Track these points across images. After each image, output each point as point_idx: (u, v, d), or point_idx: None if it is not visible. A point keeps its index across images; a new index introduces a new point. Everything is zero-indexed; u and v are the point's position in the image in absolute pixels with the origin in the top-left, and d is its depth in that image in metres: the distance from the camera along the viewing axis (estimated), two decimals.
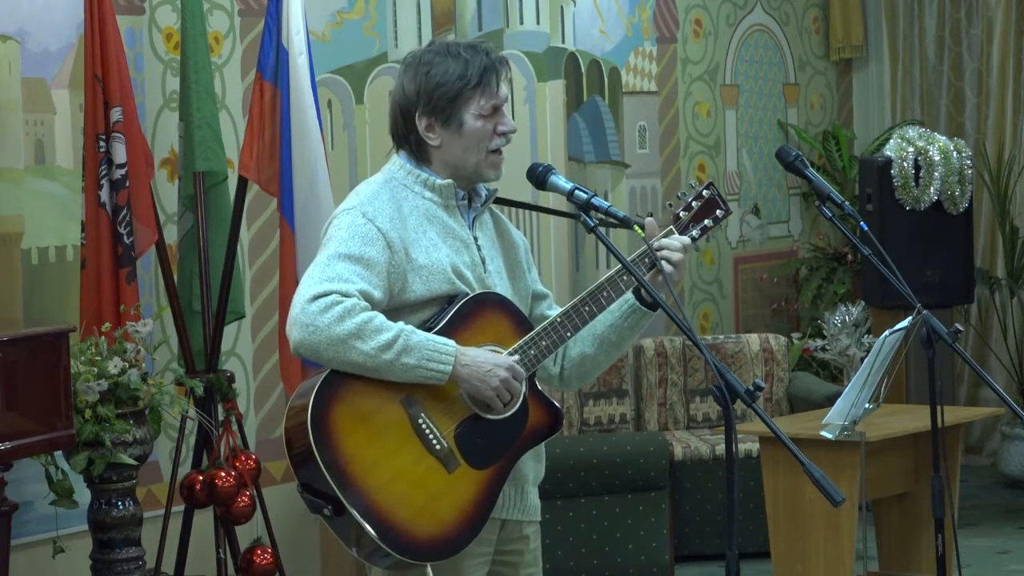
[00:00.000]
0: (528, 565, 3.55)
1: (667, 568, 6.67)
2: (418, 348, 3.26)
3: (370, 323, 3.24)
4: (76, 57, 5.59)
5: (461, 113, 3.43)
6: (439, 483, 3.29)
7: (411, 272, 3.36)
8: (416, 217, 3.41)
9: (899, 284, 3.87)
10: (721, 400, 3.09)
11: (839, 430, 5.33)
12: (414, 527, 3.25)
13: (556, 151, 7.60)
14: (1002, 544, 7.22)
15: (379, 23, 6.85)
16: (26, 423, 4.74)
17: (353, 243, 3.32)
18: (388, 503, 3.23)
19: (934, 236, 7.82)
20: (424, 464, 3.28)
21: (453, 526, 3.30)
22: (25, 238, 5.52)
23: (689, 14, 8.40)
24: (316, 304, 3.23)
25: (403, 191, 3.44)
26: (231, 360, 6.16)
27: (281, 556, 5.73)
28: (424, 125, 3.43)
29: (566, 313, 3.45)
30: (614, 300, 3.48)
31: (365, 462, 3.23)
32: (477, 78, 3.43)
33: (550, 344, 3.43)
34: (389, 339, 3.24)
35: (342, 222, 3.37)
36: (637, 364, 7.55)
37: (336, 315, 3.22)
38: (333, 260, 3.30)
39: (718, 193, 3.63)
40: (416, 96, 3.43)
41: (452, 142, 3.44)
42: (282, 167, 5.62)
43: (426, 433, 3.30)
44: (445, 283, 3.39)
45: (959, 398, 8.81)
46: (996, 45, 8.88)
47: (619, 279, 3.47)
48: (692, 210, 3.60)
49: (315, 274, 3.29)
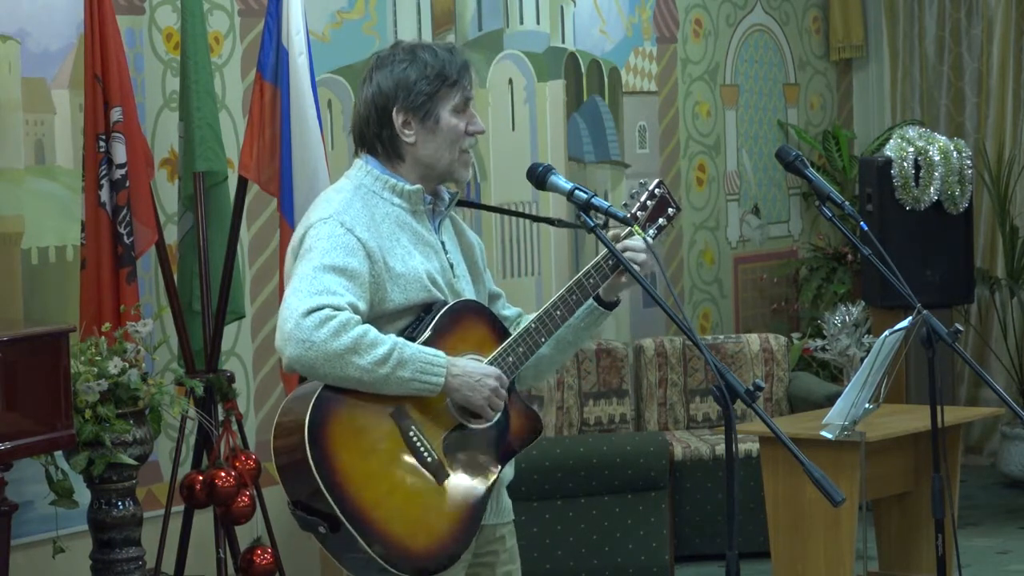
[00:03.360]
0: (504, 564, 3.54)
1: (667, 568, 6.67)
2: (411, 361, 3.25)
3: (364, 337, 3.21)
4: (76, 57, 5.59)
5: (438, 109, 3.41)
6: (431, 496, 3.28)
7: (389, 281, 3.33)
8: (388, 224, 3.39)
9: (899, 284, 3.87)
10: (721, 400, 3.09)
11: (839, 430, 5.33)
12: (411, 542, 3.24)
13: (556, 151, 7.60)
14: (1002, 544, 7.22)
15: (379, 23, 6.85)
16: (26, 423, 4.74)
17: (336, 254, 3.27)
18: (384, 519, 3.21)
19: (934, 236, 7.82)
20: (416, 477, 3.27)
21: (448, 538, 3.29)
22: (25, 238, 5.52)
23: (689, 14, 8.40)
24: (310, 319, 3.19)
25: (373, 198, 3.41)
26: (231, 360, 6.17)
27: (281, 556, 5.73)
28: (401, 121, 3.41)
29: (539, 319, 3.44)
30: (583, 303, 3.50)
31: (361, 478, 3.21)
32: (455, 76, 3.42)
33: (526, 350, 3.43)
34: (384, 353, 3.22)
35: (320, 232, 3.32)
36: (637, 364, 7.55)
37: (331, 330, 3.19)
38: (319, 272, 3.25)
39: (668, 191, 3.66)
40: (394, 92, 3.40)
41: (427, 139, 3.42)
42: (282, 167, 5.62)
43: (417, 446, 3.28)
44: (422, 291, 3.37)
45: (959, 398, 8.81)
46: (996, 45, 8.88)
47: (586, 282, 3.49)
48: (647, 209, 3.62)
49: (303, 287, 3.24)
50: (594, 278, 3.49)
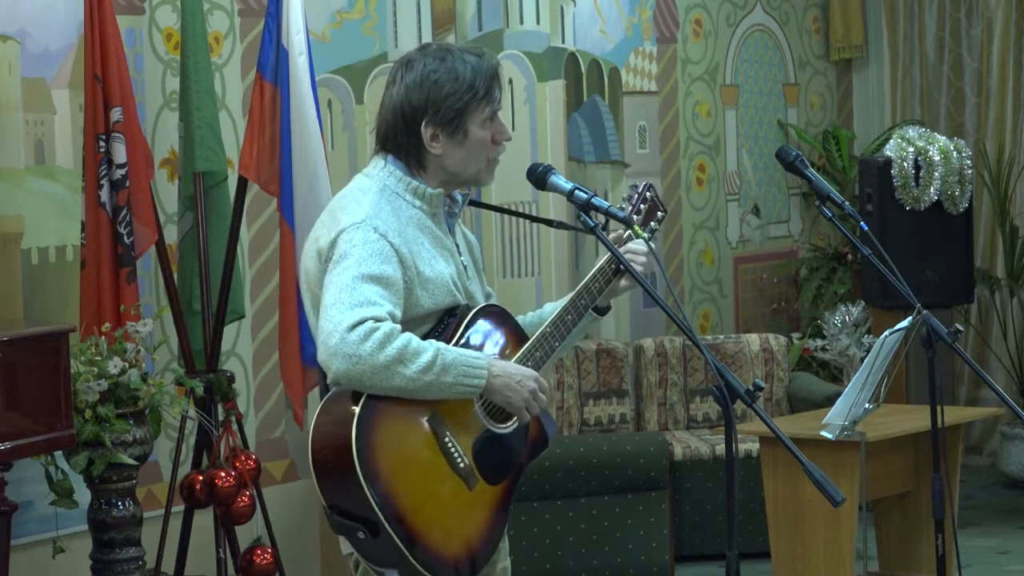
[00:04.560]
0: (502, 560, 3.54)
1: (667, 568, 6.67)
2: (454, 365, 3.25)
3: (408, 347, 3.20)
4: (76, 57, 5.59)
5: (467, 124, 3.39)
6: (463, 501, 3.29)
7: (419, 286, 3.33)
8: (412, 228, 3.38)
9: (899, 284, 3.87)
10: (721, 400, 3.09)
11: (839, 430, 5.32)
12: (445, 548, 3.25)
13: (556, 151, 7.60)
14: (1002, 544, 7.22)
15: (379, 23, 6.85)
16: (26, 423, 4.74)
17: (372, 262, 3.26)
18: (422, 525, 3.22)
19: (934, 236, 7.82)
20: (450, 483, 3.27)
21: (477, 544, 3.31)
22: (25, 238, 5.52)
23: (689, 14, 8.40)
24: (355, 333, 3.17)
25: (396, 200, 3.39)
26: (231, 360, 6.17)
27: (281, 556, 5.73)
28: (429, 135, 3.38)
29: (554, 323, 3.46)
30: (590, 306, 3.54)
31: (402, 485, 3.21)
32: (484, 88, 3.39)
33: (543, 355, 3.44)
34: (428, 360, 3.21)
35: (355, 238, 3.29)
36: (637, 364, 7.55)
37: (376, 343, 3.17)
38: (358, 282, 3.24)
39: (656, 194, 3.70)
40: (424, 106, 3.37)
41: (454, 151, 3.41)
42: (282, 167, 5.62)
43: (451, 451, 3.28)
44: (447, 295, 3.38)
45: (959, 398, 8.81)
46: (996, 45, 8.88)
47: (592, 286, 3.52)
48: (641, 212, 3.66)
49: (343, 299, 3.22)
50: (599, 282, 3.52)
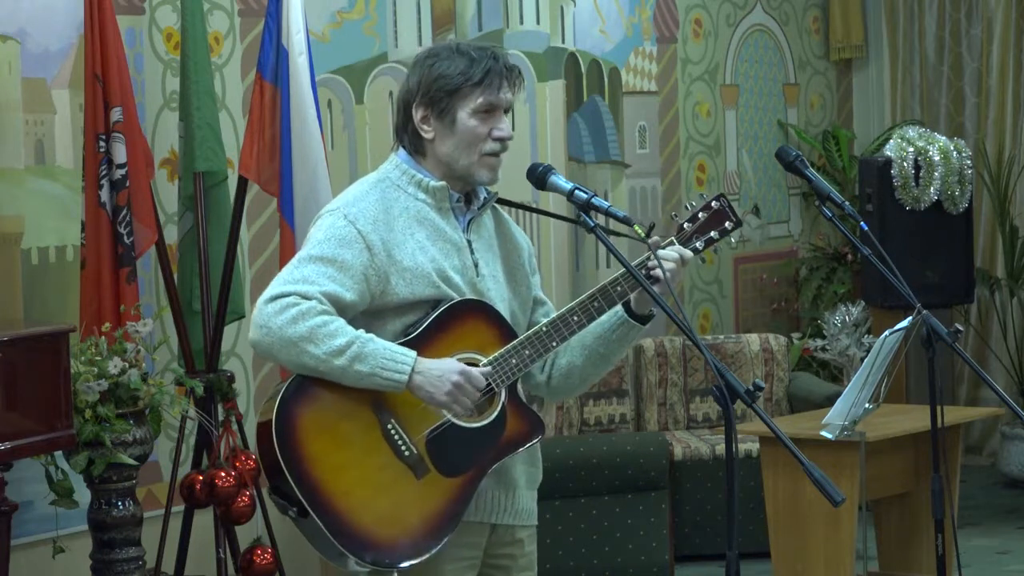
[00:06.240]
0: (522, 569, 3.53)
1: (667, 568, 6.67)
2: (372, 356, 3.25)
3: (324, 327, 3.24)
4: (76, 57, 5.59)
5: (456, 109, 3.40)
6: (407, 489, 3.30)
7: (394, 274, 3.34)
8: (405, 219, 3.40)
9: (899, 284, 3.87)
10: (721, 400, 3.09)
11: (839, 430, 5.32)
12: (376, 532, 3.26)
13: (556, 151, 7.60)
14: (1002, 544, 7.22)
15: (379, 23, 6.85)
16: (26, 423, 4.74)
17: (328, 245, 3.32)
18: (351, 507, 3.25)
19: (934, 236, 7.82)
20: (392, 470, 3.29)
21: (419, 532, 3.30)
22: (25, 238, 5.52)
23: (689, 14, 8.40)
24: (272, 305, 3.25)
25: (395, 191, 3.42)
26: (231, 360, 6.17)
27: (281, 556, 5.73)
28: (420, 116, 3.42)
29: (553, 323, 3.42)
30: (605, 311, 3.44)
31: (329, 466, 3.25)
32: (479, 76, 3.40)
33: (533, 354, 3.40)
34: (341, 345, 3.23)
35: (322, 223, 3.38)
36: (637, 364, 7.55)
37: (290, 317, 3.23)
38: (304, 262, 3.31)
39: (729, 205, 3.55)
40: (417, 86, 3.42)
41: (444, 137, 3.42)
42: (282, 167, 5.62)
43: (395, 439, 3.30)
44: (429, 287, 3.37)
45: (959, 398, 8.82)
46: (996, 45, 8.88)
47: (612, 289, 3.44)
48: (697, 221, 3.53)
49: (283, 275, 3.31)
50: (622, 286, 3.43)
